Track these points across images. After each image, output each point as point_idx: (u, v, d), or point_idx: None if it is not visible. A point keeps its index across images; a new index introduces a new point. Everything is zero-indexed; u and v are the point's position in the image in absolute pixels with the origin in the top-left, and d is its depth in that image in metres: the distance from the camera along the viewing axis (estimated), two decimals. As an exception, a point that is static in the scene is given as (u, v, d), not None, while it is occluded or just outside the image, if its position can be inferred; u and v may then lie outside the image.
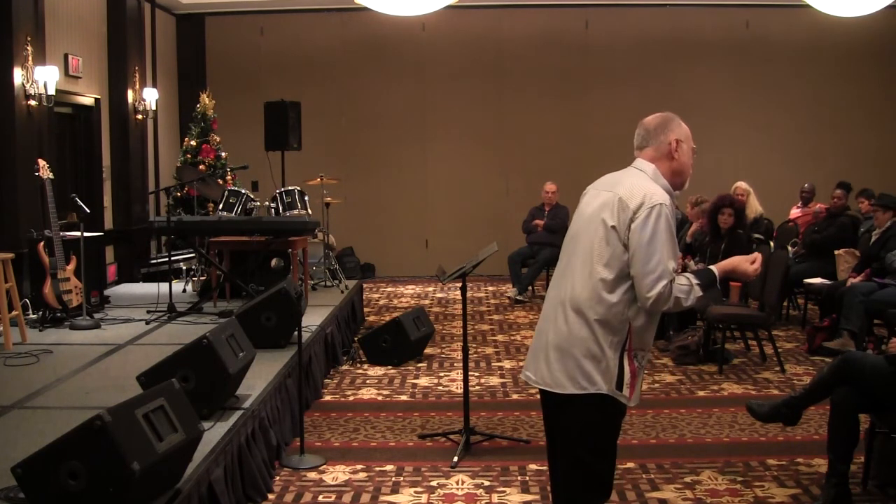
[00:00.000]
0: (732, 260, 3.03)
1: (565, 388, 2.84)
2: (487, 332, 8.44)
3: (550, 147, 12.06)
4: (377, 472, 4.60)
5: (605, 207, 2.85)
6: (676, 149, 2.92)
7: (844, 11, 9.24)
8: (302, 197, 8.28)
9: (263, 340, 5.63)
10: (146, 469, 2.91)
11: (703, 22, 12.16)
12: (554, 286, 3.00)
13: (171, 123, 11.93)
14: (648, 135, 2.96)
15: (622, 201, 2.81)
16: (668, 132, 2.93)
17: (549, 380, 2.88)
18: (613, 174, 3.01)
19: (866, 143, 12.00)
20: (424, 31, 12.03)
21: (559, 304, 2.90)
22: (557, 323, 2.88)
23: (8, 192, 7.41)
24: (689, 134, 2.98)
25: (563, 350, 2.85)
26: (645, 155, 2.96)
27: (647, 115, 3.03)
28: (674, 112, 3.01)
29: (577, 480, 2.91)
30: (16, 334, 6.08)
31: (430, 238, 12.42)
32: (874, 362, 4.15)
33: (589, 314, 2.81)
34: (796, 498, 4.20)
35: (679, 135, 2.94)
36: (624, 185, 2.86)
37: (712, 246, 7.26)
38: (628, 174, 2.95)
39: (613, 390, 2.83)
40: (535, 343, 3.02)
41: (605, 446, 2.91)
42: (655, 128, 2.95)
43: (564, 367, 2.84)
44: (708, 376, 6.57)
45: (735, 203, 7.35)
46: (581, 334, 2.82)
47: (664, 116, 2.98)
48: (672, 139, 2.93)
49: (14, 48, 7.42)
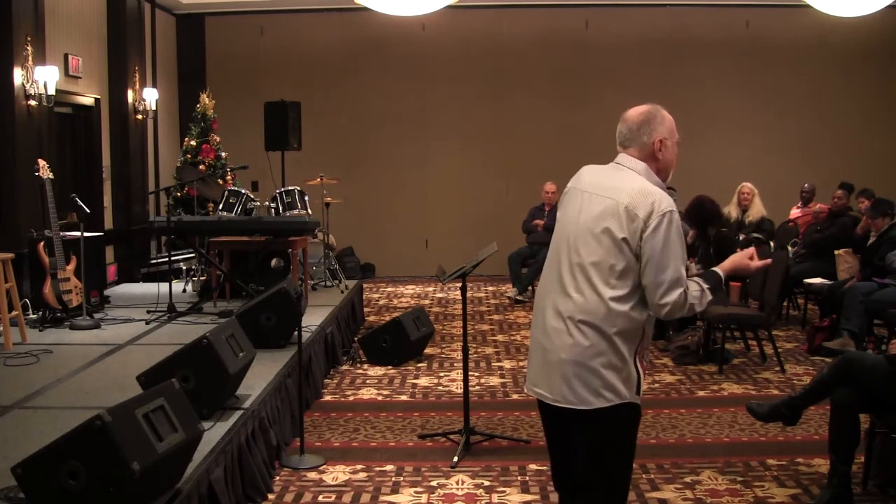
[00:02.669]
0: (732, 259, 3.01)
1: (591, 404, 2.76)
2: (487, 332, 8.44)
3: (550, 147, 12.05)
4: (377, 472, 4.60)
5: (609, 217, 2.76)
6: (661, 149, 2.86)
7: (844, 11, 9.24)
8: (302, 197, 8.29)
9: (263, 340, 5.63)
10: (146, 469, 2.91)
11: (703, 22, 12.16)
12: (550, 293, 2.87)
13: (171, 123, 11.93)
14: (632, 134, 2.87)
15: (629, 211, 2.73)
16: (651, 133, 2.85)
17: (571, 397, 2.78)
18: (598, 172, 2.94)
19: (866, 143, 11.99)
20: (424, 31, 12.02)
21: (566, 318, 2.79)
22: (574, 338, 2.77)
23: (8, 193, 7.41)
24: (673, 126, 2.90)
25: (583, 365, 2.76)
26: (630, 153, 2.88)
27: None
28: (674, 113, 2.97)
29: (602, 490, 2.85)
30: (16, 334, 6.08)
31: (430, 238, 12.42)
32: (874, 362, 4.15)
33: (607, 329, 2.75)
34: (796, 498, 4.20)
35: (662, 133, 2.85)
36: (625, 191, 2.77)
37: (703, 248, 7.29)
38: (622, 176, 2.84)
39: (634, 396, 2.81)
40: (539, 357, 2.89)
41: (629, 453, 2.90)
42: (639, 127, 2.86)
43: (586, 382, 2.76)
44: (708, 376, 6.57)
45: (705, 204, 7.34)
46: (600, 348, 2.75)
47: (647, 113, 2.88)
48: (656, 140, 2.85)
49: (14, 48, 7.43)
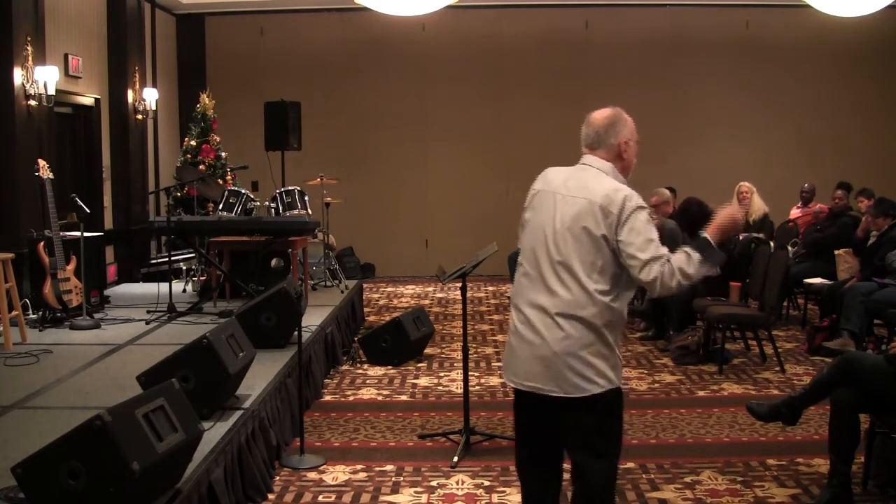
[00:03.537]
0: (715, 221, 3.04)
1: (586, 392, 2.92)
2: (487, 332, 8.44)
3: (550, 147, 11.96)
4: (377, 472, 4.60)
5: (586, 216, 2.93)
6: (625, 149, 3.06)
7: (844, 11, 9.24)
8: (302, 197, 8.29)
9: (263, 340, 5.62)
10: (146, 469, 2.91)
11: (703, 22, 12.15)
12: (530, 292, 3.01)
13: (171, 123, 11.93)
14: (599, 137, 3.07)
15: (604, 208, 2.91)
16: (617, 134, 3.05)
17: (567, 387, 2.93)
18: (567, 173, 3.08)
19: (866, 143, 11.99)
20: (424, 31, 12.02)
21: (554, 314, 2.93)
22: (564, 331, 2.91)
23: (8, 193, 7.41)
24: (634, 128, 3.11)
25: (575, 356, 2.91)
26: (598, 154, 3.06)
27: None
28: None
29: (600, 471, 3.01)
30: (16, 334, 6.08)
31: (430, 238, 12.42)
32: (874, 362, 4.15)
33: (595, 321, 2.91)
34: (796, 498, 4.20)
35: (626, 135, 3.07)
36: (598, 192, 2.95)
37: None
38: (591, 176, 3.01)
39: (620, 382, 3.00)
40: (526, 352, 3.00)
41: (619, 433, 3.09)
42: (606, 130, 3.06)
43: (579, 372, 2.92)
44: (708, 376, 6.57)
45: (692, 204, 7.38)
46: (590, 339, 2.92)
47: (612, 117, 3.09)
48: (622, 141, 3.05)
49: (14, 48, 7.43)
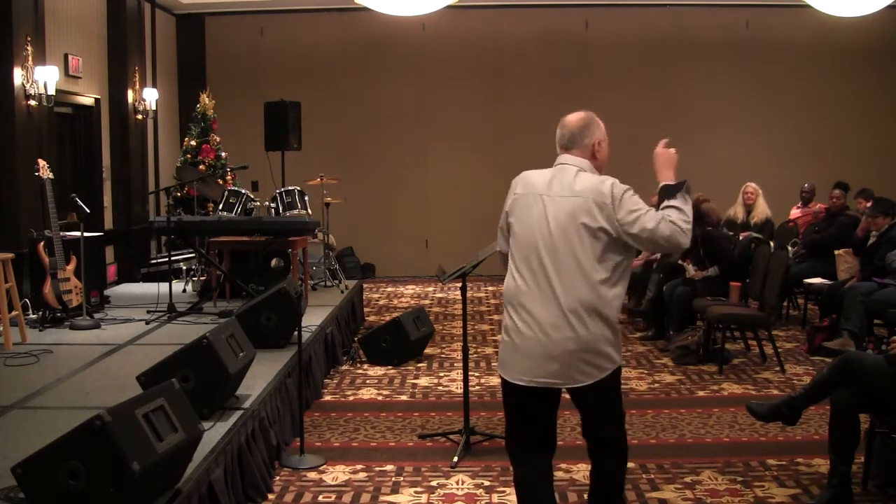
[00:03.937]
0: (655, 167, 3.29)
1: (595, 377, 3.14)
2: (487, 332, 8.44)
3: (550, 147, 11.75)
4: (377, 472, 4.60)
5: (580, 213, 3.11)
6: (599, 149, 3.28)
7: (844, 11, 9.24)
8: (302, 197, 8.29)
9: (263, 340, 5.62)
10: (146, 469, 2.91)
11: (703, 22, 12.14)
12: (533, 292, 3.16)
13: (171, 123, 11.93)
14: (574, 138, 3.27)
15: (598, 202, 3.11)
16: (591, 136, 3.27)
17: (582, 377, 3.13)
18: (549, 175, 3.27)
19: (866, 143, 12.00)
20: (424, 31, 12.02)
21: (566, 311, 3.10)
22: (576, 328, 3.09)
23: (8, 192, 7.41)
24: (605, 130, 3.31)
25: (591, 350, 3.12)
26: (574, 154, 3.27)
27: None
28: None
29: (620, 423, 3.35)
30: (16, 334, 6.08)
31: (430, 238, 12.42)
32: (874, 362, 4.14)
33: (604, 310, 3.11)
34: (796, 498, 4.20)
35: (599, 136, 3.28)
36: (585, 188, 3.14)
37: (693, 249, 7.32)
38: (574, 175, 3.20)
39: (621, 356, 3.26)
40: (538, 351, 3.15)
41: (621, 394, 3.36)
42: (581, 131, 3.27)
43: (594, 363, 3.13)
44: (708, 376, 6.57)
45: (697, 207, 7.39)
46: (602, 330, 3.12)
47: (586, 119, 3.29)
48: (595, 141, 3.27)
49: (14, 48, 7.43)
